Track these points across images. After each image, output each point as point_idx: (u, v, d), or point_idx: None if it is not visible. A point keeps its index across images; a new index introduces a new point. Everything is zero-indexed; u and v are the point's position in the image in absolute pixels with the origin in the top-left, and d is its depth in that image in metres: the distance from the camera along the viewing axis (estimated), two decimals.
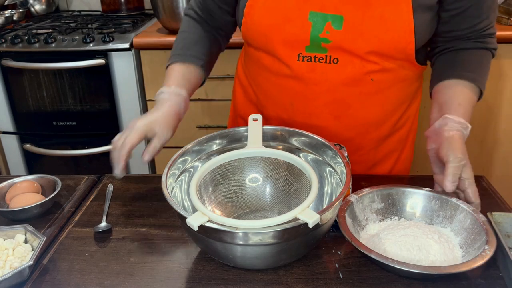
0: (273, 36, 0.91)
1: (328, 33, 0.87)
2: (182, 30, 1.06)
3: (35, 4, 2.39)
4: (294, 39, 0.90)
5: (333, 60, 0.89)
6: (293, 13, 0.88)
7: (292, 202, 0.80)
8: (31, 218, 0.87)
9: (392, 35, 0.86)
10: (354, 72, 0.90)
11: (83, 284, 0.72)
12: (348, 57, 0.89)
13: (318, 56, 0.90)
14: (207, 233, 0.65)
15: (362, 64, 0.90)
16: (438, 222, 0.79)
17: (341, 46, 0.88)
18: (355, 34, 0.86)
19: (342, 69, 0.90)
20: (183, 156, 0.82)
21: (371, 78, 0.91)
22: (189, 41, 1.03)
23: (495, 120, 1.86)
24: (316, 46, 0.89)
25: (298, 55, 0.91)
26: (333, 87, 0.92)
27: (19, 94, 2.00)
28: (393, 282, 0.70)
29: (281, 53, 0.92)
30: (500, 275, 0.71)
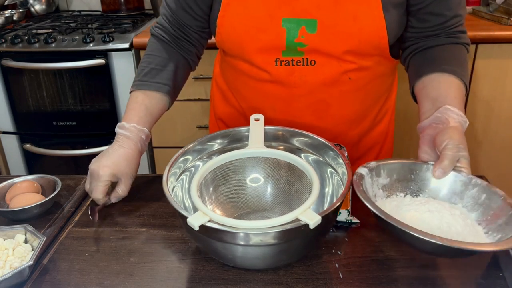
0: (248, 45, 0.91)
1: (303, 38, 0.88)
2: (148, 53, 1.00)
3: (35, 4, 2.39)
4: (269, 47, 0.90)
5: (310, 62, 0.90)
6: (266, 22, 0.88)
7: (293, 203, 0.80)
8: (31, 218, 0.87)
9: (366, 33, 0.87)
10: (332, 72, 0.91)
11: (83, 284, 0.72)
12: (325, 58, 0.90)
13: (295, 60, 0.91)
14: (208, 233, 0.65)
15: (339, 64, 0.91)
16: (447, 198, 0.75)
17: (317, 49, 0.89)
18: (330, 36, 0.87)
19: (320, 70, 0.91)
20: (184, 156, 0.82)
21: (348, 77, 0.92)
22: (155, 66, 0.97)
23: (495, 120, 1.86)
24: (293, 51, 0.90)
25: (276, 60, 0.91)
26: (313, 89, 0.93)
27: (19, 94, 2.00)
28: (393, 282, 0.70)
29: (258, 60, 0.92)
30: (501, 275, 0.71)
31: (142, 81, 0.96)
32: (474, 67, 1.78)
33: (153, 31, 1.01)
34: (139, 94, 0.95)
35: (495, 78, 1.79)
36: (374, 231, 0.82)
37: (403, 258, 0.75)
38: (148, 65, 0.98)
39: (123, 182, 0.89)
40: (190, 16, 0.96)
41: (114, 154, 0.89)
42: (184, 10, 0.96)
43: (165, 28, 0.99)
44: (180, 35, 0.99)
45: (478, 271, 0.72)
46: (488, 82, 1.80)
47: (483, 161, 1.94)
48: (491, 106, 1.84)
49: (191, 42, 1.01)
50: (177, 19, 0.98)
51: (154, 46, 1.00)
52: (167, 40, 0.99)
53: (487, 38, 1.71)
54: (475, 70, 1.78)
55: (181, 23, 0.98)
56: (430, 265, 0.73)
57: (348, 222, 0.82)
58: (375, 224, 0.83)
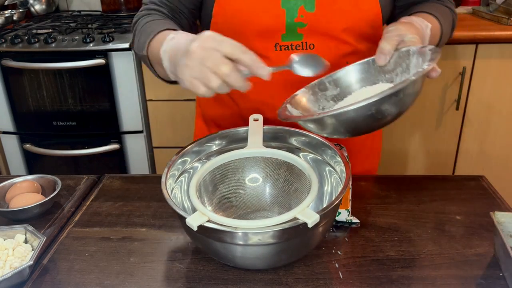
0: (247, 31, 0.90)
1: (302, 17, 0.88)
2: (149, 20, 0.88)
3: (35, 4, 2.39)
4: (269, 30, 0.90)
5: (309, 46, 0.91)
6: (265, 4, 0.88)
7: (292, 202, 0.80)
8: (31, 218, 0.87)
9: (362, 9, 0.89)
10: (331, 56, 0.92)
11: (83, 284, 0.72)
12: (324, 41, 0.91)
13: (294, 44, 0.91)
14: (207, 233, 0.65)
15: (337, 47, 0.91)
16: (400, 80, 0.74)
17: (317, 28, 0.89)
18: (329, 14, 0.89)
19: (319, 53, 0.91)
20: (182, 157, 0.82)
21: (346, 61, 0.93)
22: (162, 20, 0.88)
23: (495, 120, 1.86)
24: (292, 33, 0.90)
25: (275, 45, 0.91)
26: None
27: (19, 94, 2.00)
28: (393, 282, 0.70)
29: (257, 46, 0.91)
30: (501, 275, 0.71)
31: (158, 29, 0.82)
32: (474, 67, 1.78)
33: (143, 12, 0.92)
34: (165, 31, 0.81)
35: (495, 78, 1.79)
36: (374, 231, 0.82)
37: (403, 258, 0.75)
38: (154, 21, 0.87)
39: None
40: (185, 7, 0.94)
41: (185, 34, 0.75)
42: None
43: (157, 11, 0.92)
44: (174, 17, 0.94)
45: (478, 271, 0.72)
46: (488, 82, 1.80)
47: (483, 161, 1.94)
48: (491, 106, 1.84)
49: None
50: (173, 8, 0.93)
51: (147, 16, 0.90)
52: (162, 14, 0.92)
53: (487, 38, 1.71)
54: (475, 70, 1.78)
55: (173, 8, 0.93)
56: (430, 265, 0.73)
57: (348, 222, 0.83)
58: (375, 224, 0.84)
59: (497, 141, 1.90)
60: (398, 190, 0.94)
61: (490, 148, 1.92)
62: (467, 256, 0.75)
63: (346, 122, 0.64)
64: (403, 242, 0.79)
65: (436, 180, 0.98)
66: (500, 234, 0.70)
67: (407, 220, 0.85)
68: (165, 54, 0.74)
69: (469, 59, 1.76)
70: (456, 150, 1.93)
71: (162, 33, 0.81)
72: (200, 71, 0.65)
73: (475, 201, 0.90)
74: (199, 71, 0.65)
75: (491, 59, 1.76)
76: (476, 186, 0.95)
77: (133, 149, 2.06)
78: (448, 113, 1.86)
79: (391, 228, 0.83)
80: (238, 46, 0.65)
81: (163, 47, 0.75)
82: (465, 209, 0.87)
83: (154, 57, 0.81)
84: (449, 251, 0.77)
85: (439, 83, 1.81)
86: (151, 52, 0.82)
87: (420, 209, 0.88)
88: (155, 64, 0.84)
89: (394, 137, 1.92)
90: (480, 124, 1.87)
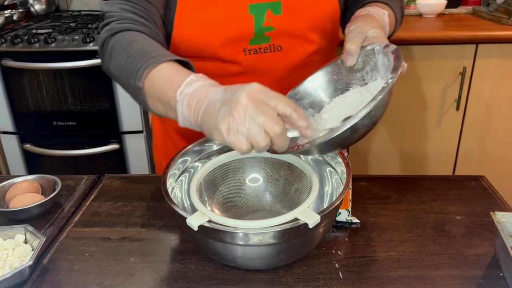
0: (213, 39, 0.88)
1: (270, 21, 0.89)
2: (134, 40, 0.77)
3: (35, 4, 2.39)
4: (237, 37, 0.89)
5: (276, 48, 0.92)
6: (233, 11, 0.87)
7: (292, 202, 0.80)
8: (31, 218, 0.87)
9: (323, 6, 0.92)
10: (297, 56, 0.94)
11: (83, 284, 0.72)
12: (290, 41, 0.92)
13: (262, 47, 0.91)
14: (207, 233, 0.65)
15: (303, 47, 0.93)
16: (371, 78, 0.74)
17: (284, 30, 0.90)
18: (295, 15, 0.90)
19: (286, 55, 0.93)
20: (183, 157, 0.82)
21: (311, 59, 0.95)
22: (154, 44, 0.78)
23: (495, 120, 1.86)
24: (260, 37, 0.90)
25: (244, 50, 0.91)
26: (281, 75, 0.94)
27: (19, 94, 2.00)
28: (393, 282, 0.70)
29: (225, 54, 0.90)
30: (501, 275, 0.71)
31: (159, 55, 0.72)
32: (475, 67, 1.78)
33: (116, 26, 0.79)
34: (170, 64, 0.71)
35: (495, 78, 1.79)
36: (374, 231, 0.82)
37: (403, 258, 0.75)
38: (148, 46, 0.76)
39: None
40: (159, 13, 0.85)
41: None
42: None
43: (132, 20, 0.80)
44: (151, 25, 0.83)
45: (478, 271, 0.72)
46: (488, 82, 1.80)
47: (483, 161, 1.94)
48: (491, 106, 1.84)
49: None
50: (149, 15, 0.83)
51: (131, 35, 0.78)
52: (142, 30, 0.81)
53: (487, 38, 1.71)
54: (475, 70, 1.78)
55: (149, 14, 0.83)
56: (430, 265, 0.73)
57: (348, 222, 0.83)
58: (375, 224, 0.84)
59: (497, 141, 1.90)
60: (398, 190, 0.94)
61: (490, 148, 1.92)
62: (467, 256, 0.75)
63: (324, 147, 0.64)
64: (403, 242, 0.79)
65: (436, 180, 0.98)
66: (500, 234, 0.70)
67: (407, 220, 0.85)
68: (184, 98, 0.65)
69: (469, 59, 1.76)
70: (456, 150, 1.93)
71: (167, 65, 0.71)
72: (250, 127, 0.57)
73: (475, 201, 0.89)
74: (249, 127, 0.57)
75: (492, 59, 1.76)
76: (476, 186, 0.95)
77: (133, 149, 2.06)
78: (448, 113, 1.86)
79: (391, 228, 0.83)
80: (290, 103, 0.60)
81: (182, 89, 0.65)
82: (465, 209, 0.87)
83: (157, 93, 0.70)
84: (449, 251, 0.77)
85: (439, 83, 1.81)
86: (152, 86, 0.71)
87: (420, 209, 0.88)
88: (154, 100, 0.72)
89: (394, 137, 1.92)
90: (480, 124, 1.87)
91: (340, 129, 0.59)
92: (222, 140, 0.60)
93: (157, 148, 1.15)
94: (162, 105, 0.70)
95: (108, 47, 0.79)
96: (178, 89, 0.66)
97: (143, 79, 0.71)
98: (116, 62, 0.77)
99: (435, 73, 1.79)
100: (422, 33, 1.71)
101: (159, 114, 0.74)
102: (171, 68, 0.70)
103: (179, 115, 0.66)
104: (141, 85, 0.72)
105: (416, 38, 1.70)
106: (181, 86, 0.66)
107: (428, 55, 1.76)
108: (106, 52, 0.80)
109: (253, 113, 0.57)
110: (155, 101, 0.72)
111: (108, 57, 0.79)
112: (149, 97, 0.72)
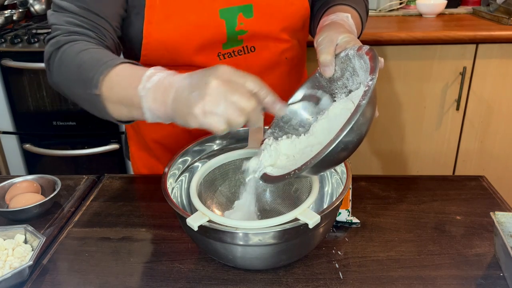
0: (186, 46, 0.86)
1: (242, 24, 0.88)
2: (83, 49, 0.75)
3: (35, 4, 2.39)
4: (210, 42, 0.88)
5: (250, 49, 0.92)
6: (203, 17, 0.85)
7: (292, 203, 0.80)
8: (31, 218, 0.87)
9: (295, 6, 0.92)
10: (271, 55, 0.94)
11: (83, 284, 0.72)
12: (263, 42, 0.92)
13: (236, 50, 0.91)
14: (207, 233, 0.65)
15: (276, 46, 0.94)
16: (353, 83, 0.72)
17: (257, 32, 0.90)
18: (267, 17, 0.90)
19: (260, 55, 0.94)
20: (183, 156, 0.82)
21: (285, 57, 0.96)
22: (104, 51, 0.77)
23: (495, 120, 1.86)
24: (233, 41, 0.90)
25: (218, 55, 0.90)
26: (258, 75, 0.92)
27: (19, 94, 2.00)
28: (393, 282, 0.70)
29: (199, 60, 0.88)
30: (501, 276, 0.71)
31: (114, 59, 0.72)
32: (475, 67, 1.78)
33: (65, 38, 0.77)
34: (126, 64, 0.72)
35: (495, 78, 1.79)
36: (374, 231, 0.82)
37: (403, 258, 0.75)
38: (99, 52, 0.75)
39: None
40: (111, 26, 0.82)
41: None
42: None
43: (81, 34, 0.79)
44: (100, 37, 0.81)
45: (478, 271, 0.72)
46: (488, 82, 1.80)
47: (483, 161, 1.94)
48: (491, 106, 1.84)
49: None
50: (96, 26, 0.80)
51: (82, 45, 0.76)
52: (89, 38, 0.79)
53: (488, 38, 1.71)
54: (475, 70, 1.78)
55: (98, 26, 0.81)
56: (430, 265, 0.73)
57: (348, 222, 0.83)
58: (375, 224, 0.84)
59: (497, 141, 1.90)
60: (398, 190, 0.94)
61: (490, 148, 1.92)
62: (467, 256, 0.75)
63: (320, 165, 0.63)
64: (403, 242, 0.79)
65: (436, 180, 0.98)
66: (501, 234, 0.70)
67: (407, 220, 0.85)
68: (148, 92, 0.64)
69: (469, 59, 1.76)
70: (456, 150, 1.93)
71: (122, 67, 0.70)
72: (226, 106, 0.58)
73: (475, 201, 0.89)
74: (223, 106, 0.58)
75: (492, 59, 1.75)
76: (476, 186, 0.95)
77: None
78: (448, 113, 1.86)
79: (391, 228, 0.83)
80: (258, 80, 0.62)
81: (143, 85, 0.65)
82: (465, 209, 0.87)
83: (118, 95, 0.69)
84: (449, 251, 0.77)
85: (439, 83, 1.81)
86: (111, 90, 0.69)
87: (420, 209, 0.88)
88: (115, 103, 0.71)
89: (394, 137, 1.92)
90: (480, 124, 1.87)
91: (330, 145, 0.58)
92: (198, 125, 0.60)
93: (135, 162, 1.09)
94: (125, 106, 0.69)
95: (55, 60, 0.78)
96: (139, 85, 0.65)
97: (100, 86, 0.70)
98: (66, 74, 0.76)
99: (435, 73, 1.79)
100: (422, 33, 1.71)
101: (122, 117, 0.72)
102: (127, 69, 0.70)
103: (146, 111, 0.66)
104: (98, 93, 0.70)
105: (416, 38, 1.70)
106: (142, 82, 0.65)
107: (428, 55, 1.76)
108: (54, 66, 0.78)
109: (226, 92, 0.58)
110: (116, 104, 0.70)
111: (56, 70, 0.78)
112: (108, 102, 0.71)
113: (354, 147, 0.62)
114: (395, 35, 1.71)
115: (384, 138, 1.92)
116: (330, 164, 0.65)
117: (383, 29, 1.77)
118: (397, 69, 1.78)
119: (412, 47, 1.75)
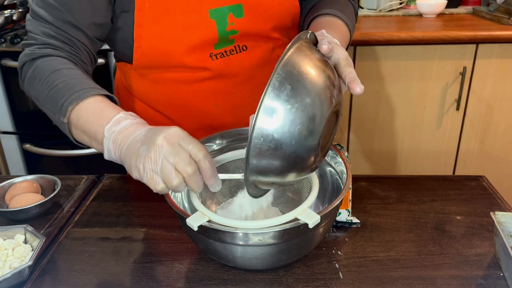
0: (177, 48, 0.86)
1: (233, 25, 0.88)
2: (57, 69, 0.77)
3: None
4: (201, 43, 0.87)
5: (242, 48, 0.92)
6: (193, 18, 0.85)
7: (292, 203, 0.80)
8: (31, 218, 0.87)
9: (284, 5, 0.92)
10: (263, 53, 0.95)
11: (83, 284, 0.72)
12: (255, 41, 0.93)
13: (228, 50, 0.91)
14: (207, 233, 0.65)
15: (267, 44, 0.95)
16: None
17: (248, 32, 0.91)
18: (257, 16, 0.90)
19: (252, 53, 0.94)
20: None
21: (276, 54, 0.97)
22: (78, 76, 0.77)
23: (495, 120, 1.86)
24: (224, 41, 0.90)
25: (210, 55, 0.90)
26: (250, 73, 0.95)
27: (19, 94, 2.00)
28: (393, 282, 0.70)
29: (190, 61, 0.88)
30: (502, 276, 0.71)
31: (89, 88, 0.74)
32: (475, 67, 1.78)
33: (37, 52, 0.79)
34: (100, 98, 0.74)
35: (495, 78, 1.79)
36: (374, 231, 0.82)
37: (403, 258, 0.75)
38: (73, 76, 0.77)
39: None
40: (87, 37, 0.82)
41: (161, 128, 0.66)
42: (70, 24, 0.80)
43: (54, 46, 0.80)
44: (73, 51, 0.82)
45: (478, 271, 0.72)
46: (488, 82, 1.80)
47: (483, 161, 1.94)
48: (491, 106, 1.84)
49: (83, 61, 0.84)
50: (68, 38, 0.81)
51: (56, 61, 0.78)
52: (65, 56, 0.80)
53: (488, 38, 1.71)
54: (475, 70, 1.78)
55: (71, 39, 0.81)
56: (430, 265, 0.73)
57: (348, 222, 0.82)
58: (375, 224, 0.84)
59: (497, 141, 1.90)
60: (398, 190, 0.94)
61: (490, 148, 1.92)
62: (467, 256, 0.75)
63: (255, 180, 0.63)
64: (403, 242, 0.79)
65: (436, 180, 0.98)
66: (501, 234, 0.70)
67: (407, 220, 0.85)
68: (112, 134, 0.67)
69: (469, 59, 1.76)
70: (456, 150, 1.93)
71: (93, 100, 0.72)
72: (163, 166, 0.60)
73: (475, 201, 0.89)
74: (162, 167, 0.60)
75: (492, 59, 1.75)
76: (476, 186, 0.95)
77: None
78: (448, 113, 1.86)
79: (391, 228, 0.83)
80: (203, 150, 0.63)
81: (110, 126, 0.68)
82: (465, 209, 0.87)
83: (84, 126, 0.72)
84: (449, 251, 0.77)
85: (439, 83, 1.81)
86: (79, 119, 0.72)
87: (420, 209, 0.88)
88: (80, 131, 0.73)
89: (394, 137, 1.92)
90: (480, 124, 1.87)
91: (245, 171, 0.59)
92: (139, 178, 0.63)
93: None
94: (88, 137, 0.73)
95: (28, 72, 0.80)
96: (106, 124, 0.68)
97: (68, 115, 0.73)
98: (38, 90, 0.79)
99: (435, 73, 1.79)
100: (422, 33, 1.71)
101: (83, 143, 0.76)
102: (98, 103, 0.72)
103: (106, 150, 0.69)
104: (65, 121, 0.74)
105: (416, 38, 1.70)
106: (110, 123, 0.68)
107: (428, 55, 1.76)
108: (26, 76, 0.81)
109: (167, 153, 0.60)
110: (81, 132, 0.74)
111: (28, 82, 0.81)
112: (74, 128, 0.75)
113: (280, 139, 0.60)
114: (395, 35, 1.71)
115: (384, 138, 1.92)
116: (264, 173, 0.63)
117: (383, 29, 1.77)
118: (397, 69, 1.78)
119: (412, 47, 1.75)
